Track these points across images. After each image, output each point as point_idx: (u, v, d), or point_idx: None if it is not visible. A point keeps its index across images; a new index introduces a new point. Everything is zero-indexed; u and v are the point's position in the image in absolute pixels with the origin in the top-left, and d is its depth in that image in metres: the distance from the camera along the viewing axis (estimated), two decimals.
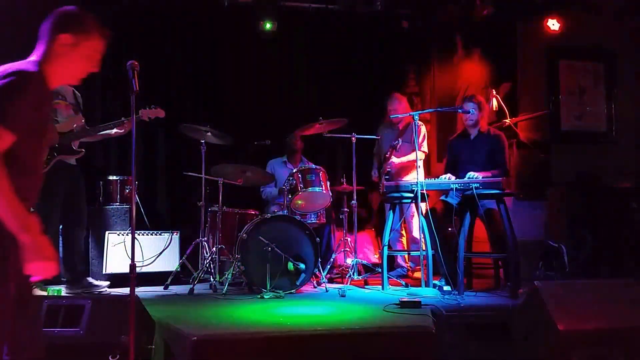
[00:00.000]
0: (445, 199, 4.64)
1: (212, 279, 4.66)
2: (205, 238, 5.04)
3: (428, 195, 4.46)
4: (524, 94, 5.91)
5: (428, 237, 4.41)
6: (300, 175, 4.86)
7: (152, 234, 5.16)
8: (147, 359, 3.07)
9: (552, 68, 6.02)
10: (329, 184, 5.01)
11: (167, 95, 6.14)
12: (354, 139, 5.20)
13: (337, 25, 6.78)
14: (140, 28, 6.18)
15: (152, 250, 5.06)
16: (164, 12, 6.30)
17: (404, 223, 5.52)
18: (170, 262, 5.06)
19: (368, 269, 5.18)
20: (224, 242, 4.88)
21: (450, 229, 4.43)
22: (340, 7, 6.46)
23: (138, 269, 4.49)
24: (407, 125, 5.47)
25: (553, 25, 5.80)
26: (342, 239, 5.30)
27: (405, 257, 5.68)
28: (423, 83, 7.29)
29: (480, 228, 4.71)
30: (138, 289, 3.68)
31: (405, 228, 5.67)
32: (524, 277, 4.43)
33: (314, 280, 4.73)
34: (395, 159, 5.25)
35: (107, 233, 4.96)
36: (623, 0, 5.87)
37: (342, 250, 5.33)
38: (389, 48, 7.12)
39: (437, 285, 4.40)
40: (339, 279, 5.26)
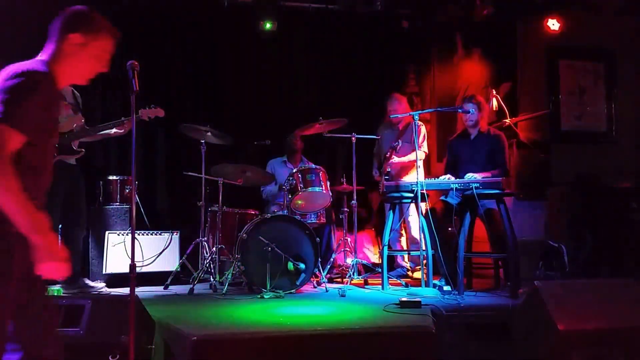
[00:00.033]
0: (445, 199, 4.64)
1: (212, 279, 4.66)
2: (205, 238, 5.04)
3: (428, 195, 4.46)
4: (524, 94, 5.91)
5: (428, 237, 4.41)
6: (300, 175, 4.86)
7: (152, 234, 5.16)
8: (147, 359, 3.07)
9: (552, 68, 6.02)
10: (329, 184, 5.01)
11: (167, 95, 6.13)
12: (354, 139, 5.20)
13: (337, 25, 6.77)
14: (140, 28, 6.16)
15: (152, 250, 5.05)
16: (164, 12, 6.29)
17: (404, 223, 5.52)
18: (170, 262, 5.06)
19: (368, 269, 5.18)
20: (224, 242, 4.88)
21: (450, 229, 4.43)
22: (340, 7, 6.45)
23: (138, 269, 4.48)
24: (407, 126, 5.47)
25: (553, 25, 5.80)
26: (342, 239, 5.30)
27: (405, 256, 5.69)
28: (423, 83, 7.29)
29: (480, 228, 4.71)
30: (138, 289, 3.68)
31: (405, 228, 5.67)
32: (524, 277, 4.43)
33: (314, 280, 4.73)
34: (396, 158, 5.25)
35: (107, 233, 4.95)
36: (623, 0, 5.87)
37: (342, 250, 5.33)
38: (389, 48, 7.12)
39: (437, 285, 4.40)
40: (339, 279, 5.26)
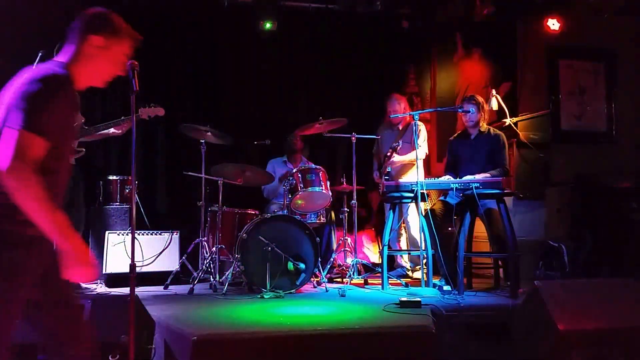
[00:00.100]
0: (445, 199, 4.64)
1: (212, 279, 4.66)
2: (205, 238, 5.04)
3: (429, 195, 4.46)
4: (524, 94, 5.90)
5: (428, 237, 4.41)
6: (300, 175, 4.86)
7: (152, 234, 5.15)
8: (147, 359, 3.07)
9: (552, 68, 6.01)
10: (329, 184, 5.01)
11: (167, 95, 6.13)
12: (354, 139, 5.20)
13: (337, 25, 6.78)
14: (140, 28, 6.14)
15: (152, 250, 5.05)
16: (164, 12, 6.30)
17: (403, 223, 5.52)
18: (170, 262, 5.05)
19: (368, 269, 5.19)
20: (224, 242, 4.87)
21: (450, 229, 4.43)
22: (340, 7, 6.46)
23: (138, 269, 4.50)
24: (407, 126, 5.48)
25: (553, 25, 5.79)
26: (342, 239, 5.30)
27: (405, 256, 5.69)
28: (423, 83, 7.30)
29: (480, 228, 4.71)
30: (138, 289, 3.69)
31: (405, 228, 5.67)
32: (524, 277, 4.42)
33: (314, 280, 4.73)
34: (397, 157, 5.25)
35: (107, 233, 4.95)
36: (623, 0, 5.87)
37: (342, 250, 5.33)
38: (389, 48, 7.12)
39: (437, 285, 4.40)
40: (339, 279, 5.26)
